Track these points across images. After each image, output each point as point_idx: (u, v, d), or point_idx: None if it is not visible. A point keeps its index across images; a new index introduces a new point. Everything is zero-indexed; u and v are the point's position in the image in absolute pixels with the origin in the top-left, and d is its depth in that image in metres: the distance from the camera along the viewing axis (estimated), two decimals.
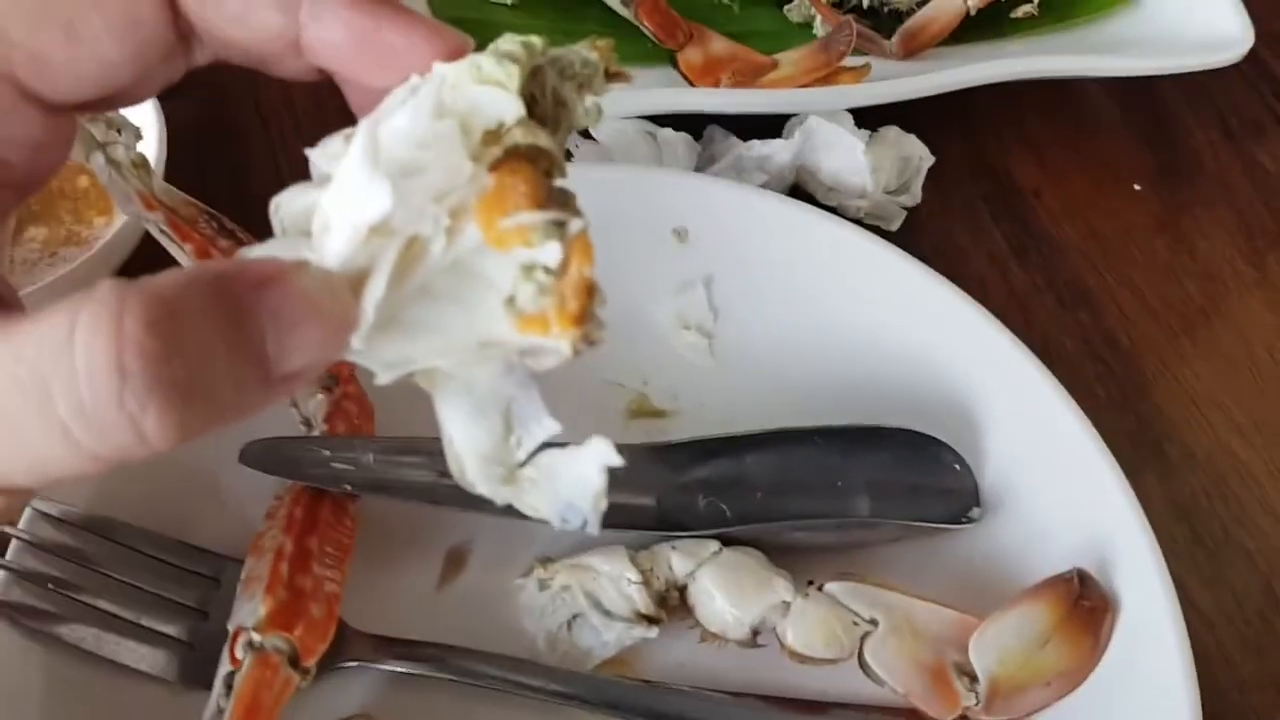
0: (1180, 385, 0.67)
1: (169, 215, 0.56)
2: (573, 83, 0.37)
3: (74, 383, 0.27)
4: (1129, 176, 0.76)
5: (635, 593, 0.53)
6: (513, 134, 0.35)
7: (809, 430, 0.58)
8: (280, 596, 0.49)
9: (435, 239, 0.34)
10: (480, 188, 0.34)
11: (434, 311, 0.35)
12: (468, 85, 0.35)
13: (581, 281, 0.34)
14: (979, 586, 0.55)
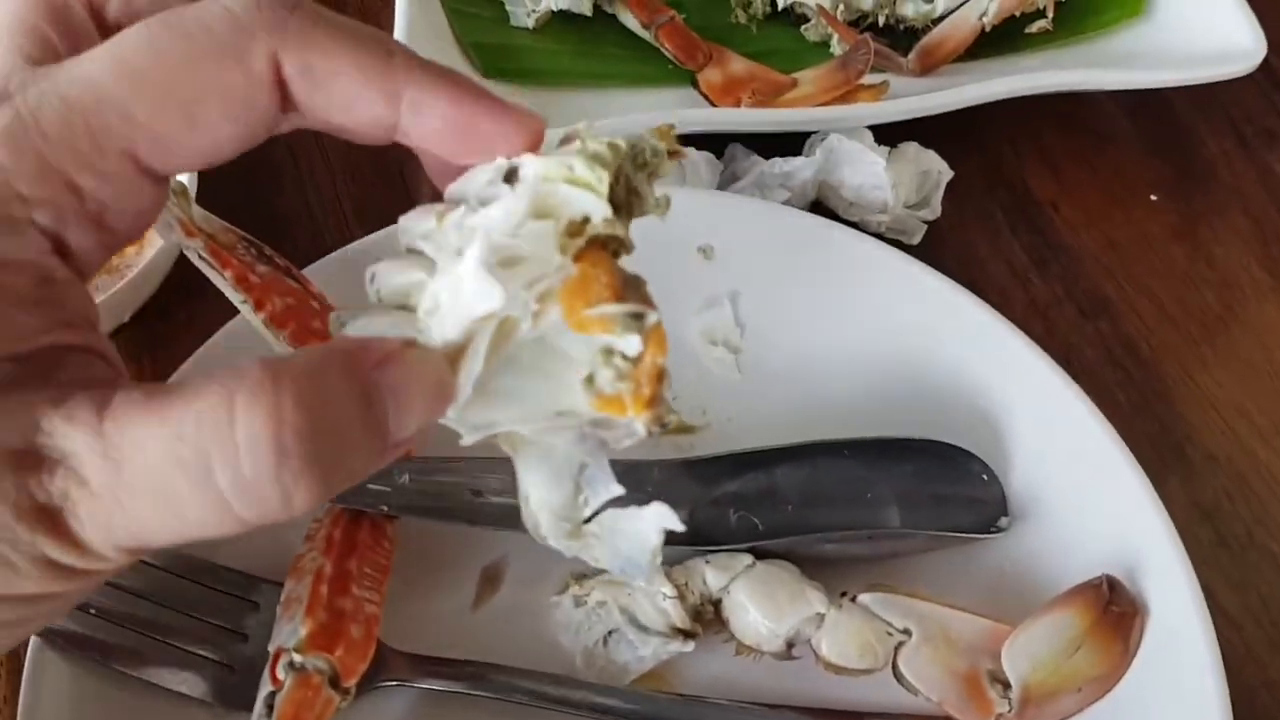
0: (1201, 391, 0.68)
1: (208, 242, 0.57)
2: (644, 172, 0.41)
3: (235, 459, 0.29)
4: (1145, 187, 0.76)
5: (670, 607, 0.53)
6: (595, 226, 0.38)
7: (838, 443, 0.59)
8: (320, 618, 0.50)
9: (524, 320, 0.37)
10: (565, 275, 0.37)
11: (518, 382, 0.39)
12: (560, 184, 0.38)
13: (655, 369, 0.38)
14: (1009, 595, 0.56)
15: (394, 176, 0.74)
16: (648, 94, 0.77)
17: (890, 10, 0.79)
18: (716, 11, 0.81)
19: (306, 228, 0.73)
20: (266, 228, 0.61)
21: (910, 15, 0.79)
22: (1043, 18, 0.78)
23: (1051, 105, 0.77)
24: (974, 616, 0.54)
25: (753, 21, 0.82)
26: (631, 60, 0.78)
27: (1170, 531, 0.55)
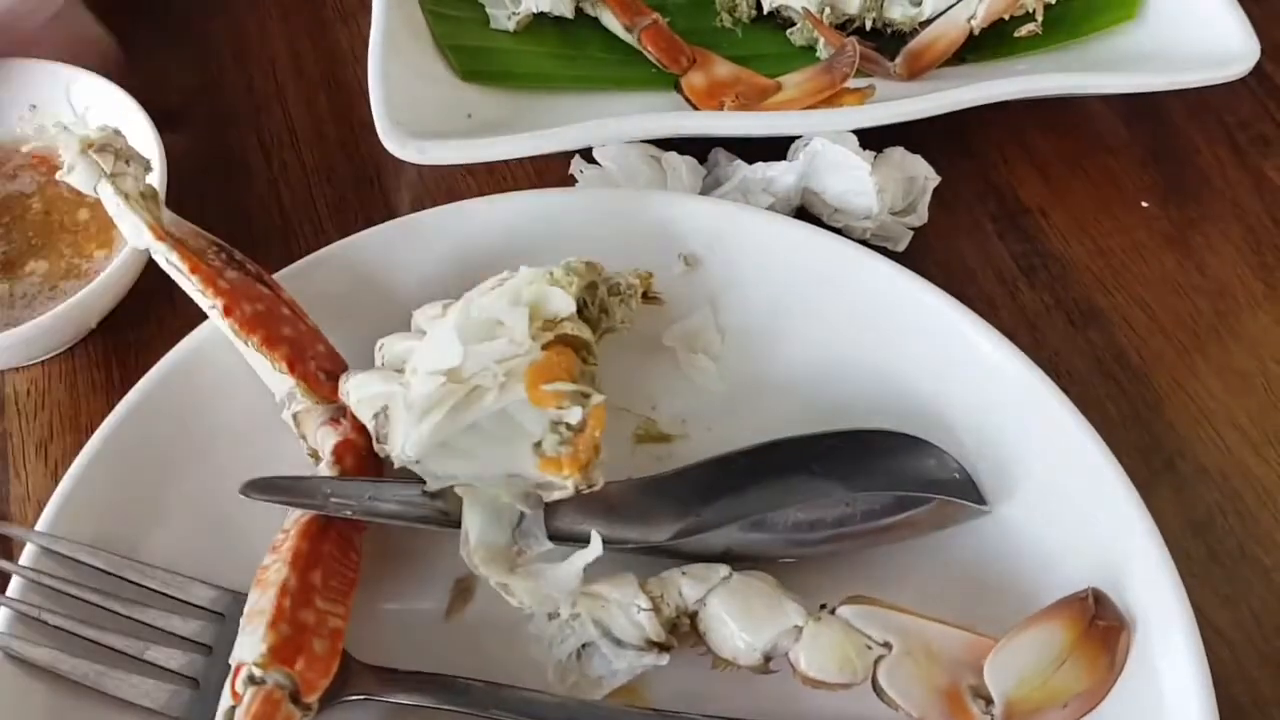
0: (1192, 401, 0.66)
1: (178, 246, 0.56)
2: (617, 298, 0.57)
3: None
4: (1136, 193, 0.75)
5: (645, 620, 0.52)
6: (564, 325, 0.52)
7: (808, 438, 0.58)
8: (282, 631, 0.49)
9: (491, 390, 0.49)
10: (532, 359, 0.50)
11: (478, 444, 0.51)
12: (540, 284, 0.53)
13: (592, 440, 0.50)
14: (992, 608, 0.55)
15: (369, 179, 0.73)
16: (630, 98, 0.76)
17: (877, 13, 0.78)
18: (701, 14, 0.81)
19: (279, 229, 0.72)
20: (237, 228, 0.61)
21: (897, 18, 0.78)
22: (1032, 21, 0.77)
23: (1041, 110, 0.76)
24: (956, 629, 0.52)
25: (737, 25, 0.81)
26: (613, 64, 0.77)
27: (1158, 544, 0.54)
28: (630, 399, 0.62)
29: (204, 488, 0.57)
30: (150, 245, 0.57)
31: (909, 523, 0.56)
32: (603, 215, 0.64)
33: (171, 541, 0.56)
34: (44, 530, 0.54)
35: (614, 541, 0.54)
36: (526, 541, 0.53)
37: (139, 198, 0.57)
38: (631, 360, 0.61)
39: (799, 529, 0.55)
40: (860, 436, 0.58)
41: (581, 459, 0.50)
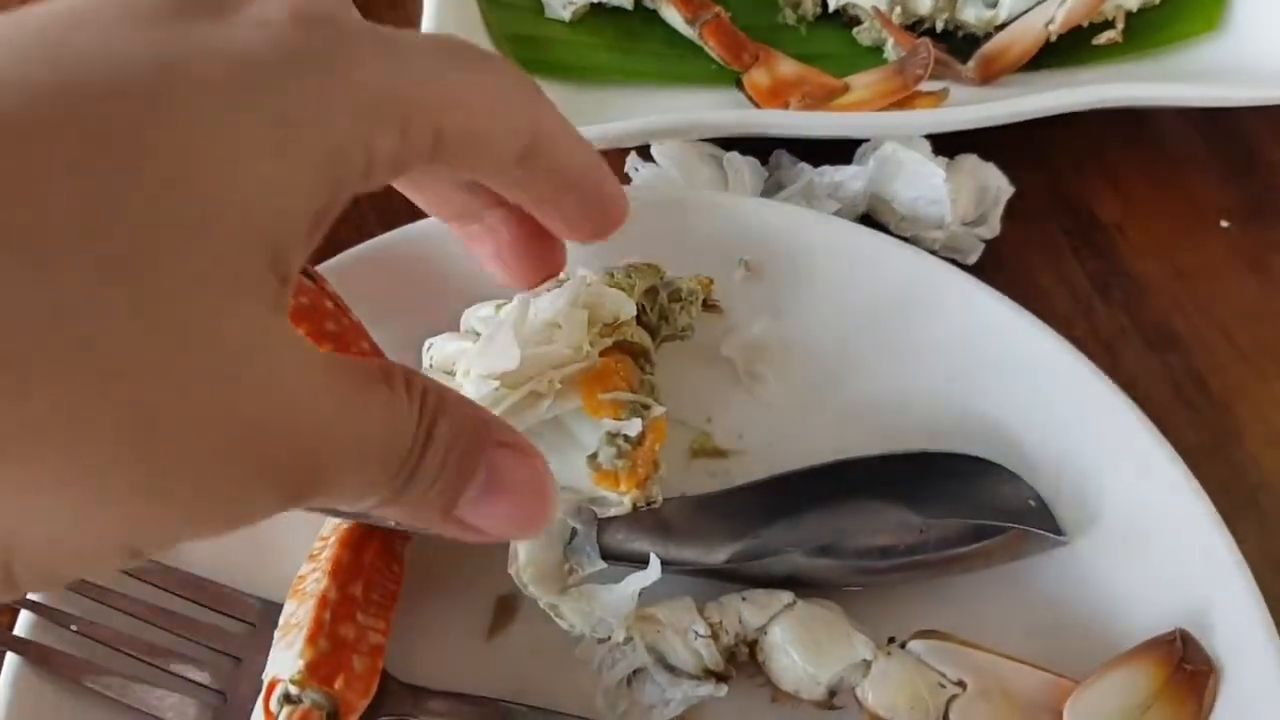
0: (1275, 432, 0.63)
1: None
2: (678, 304, 0.55)
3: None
4: (1215, 212, 0.72)
5: (702, 647, 0.49)
6: (624, 330, 0.50)
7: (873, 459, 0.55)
8: (321, 647, 0.46)
9: (547, 397, 0.46)
10: (589, 365, 0.47)
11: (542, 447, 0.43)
12: (600, 286, 0.50)
13: (651, 455, 0.48)
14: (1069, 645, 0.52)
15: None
16: (689, 94, 0.73)
17: (949, 15, 0.75)
18: (763, 10, 0.77)
19: None
20: None
21: (971, 21, 0.75)
22: (1111, 29, 0.74)
23: (1119, 122, 0.72)
24: (1034, 669, 0.50)
25: (802, 23, 0.78)
26: (672, 58, 0.74)
27: (1250, 585, 0.51)
28: (685, 411, 0.58)
29: None
30: None
31: (983, 553, 0.53)
32: (659, 216, 0.60)
33: (203, 545, 0.53)
34: None
35: (668, 562, 0.51)
36: (578, 559, 0.50)
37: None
38: (687, 370, 0.58)
39: (868, 556, 0.52)
40: (930, 459, 0.55)
41: (639, 474, 0.47)
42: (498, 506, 0.35)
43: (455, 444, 0.34)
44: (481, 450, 0.35)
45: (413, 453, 0.33)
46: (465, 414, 0.35)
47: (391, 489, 0.33)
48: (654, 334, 0.54)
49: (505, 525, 0.36)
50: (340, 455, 0.32)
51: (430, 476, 0.34)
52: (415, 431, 0.33)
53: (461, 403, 0.36)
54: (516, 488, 0.35)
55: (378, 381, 0.33)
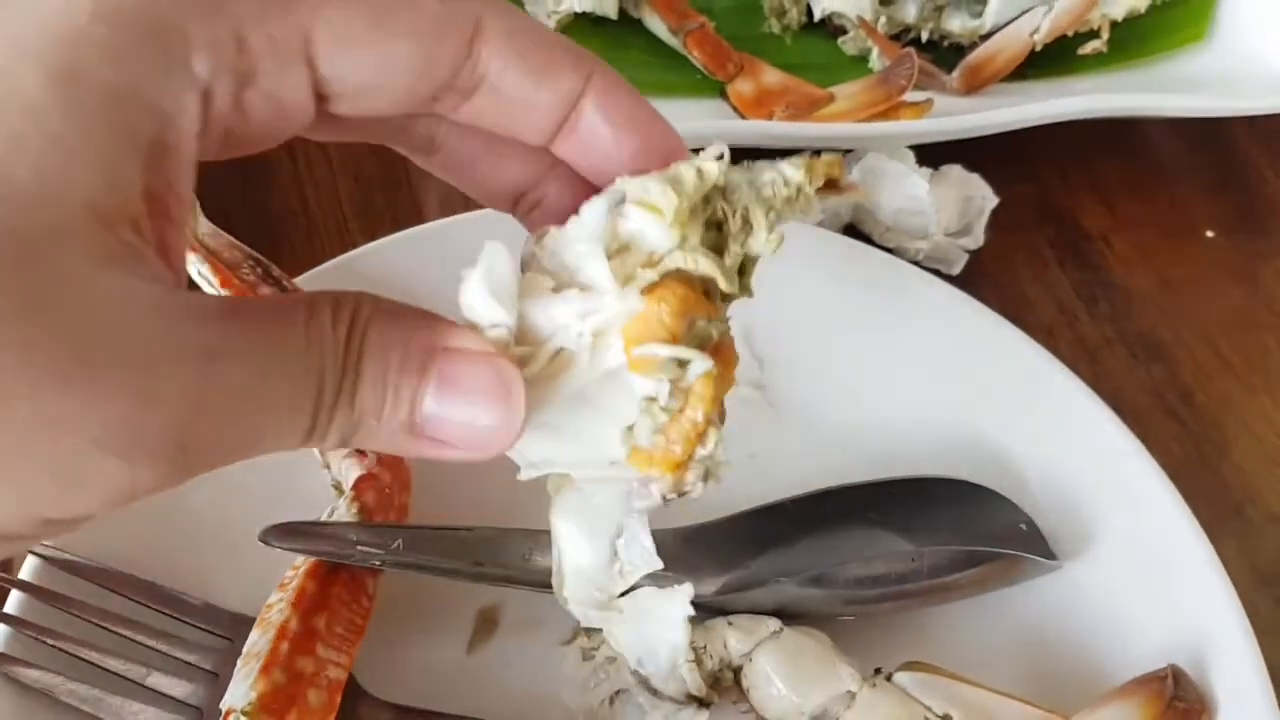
0: (1261, 444, 0.63)
1: (210, 258, 0.54)
2: (763, 206, 0.37)
3: None
4: (1201, 223, 0.72)
5: (686, 671, 0.48)
6: (672, 258, 0.35)
7: (863, 486, 0.54)
8: (276, 679, 0.45)
9: (581, 353, 0.35)
10: (629, 309, 0.34)
11: (583, 420, 0.36)
12: (634, 207, 0.35)
13: (693, 428, 0.35)
14: (1059, 672, 0.52)
15: (399, 179, 0.70)
16: (674, 104, 0.71)
17: (935, 24, 0.75)
18: (748, 20, 0.78)
19: (302, 230, 0.69)
20: (259, 229, 0.58)
21: (956, 30, 0.75)
22: (1097, 38, 0.74)
23: (1104, 132, 0.73)
24: (1022, 704, 0.49)
25: (787, 32, 0.78)
26: (657, 68, 0.74)
27: (1241, 617, 0.51)
28: None
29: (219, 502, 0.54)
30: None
31: (975, 580, 0.52)
32: None
33: (184, 560, 0.53)
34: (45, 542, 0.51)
35: None
36: (630, 560, 0.42)
37: None
38: None
39: (859, 585, 0.51)
40: (921, 485, 0.55)
41: (676, 454, 0.36)
42: (455, 410, 0.33)
43: (390, 349, 0.33)
44: (428, 352, 0.33)
45: (337, 376, 0.32)
46: (401, 319, 0.33)
47: (326, 420, 0.32)
48: (722, 251, 0.37)
49: (469, 432, 0.34)
50: (229, 403, 0.30)
51: (376, 390, 0.33)
52: (337, 353, 0.32)
53: (398, 311, 0.34)
54: (473, 388, 0.33)
55: (282, 315, 0.32)
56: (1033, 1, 0.73)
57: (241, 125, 0.33)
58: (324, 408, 0.32)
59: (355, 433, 0.33)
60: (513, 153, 0.39)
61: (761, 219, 0.36)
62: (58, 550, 0.51)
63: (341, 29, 0.32)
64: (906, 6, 0.74)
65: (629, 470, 0.37)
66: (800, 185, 0.37)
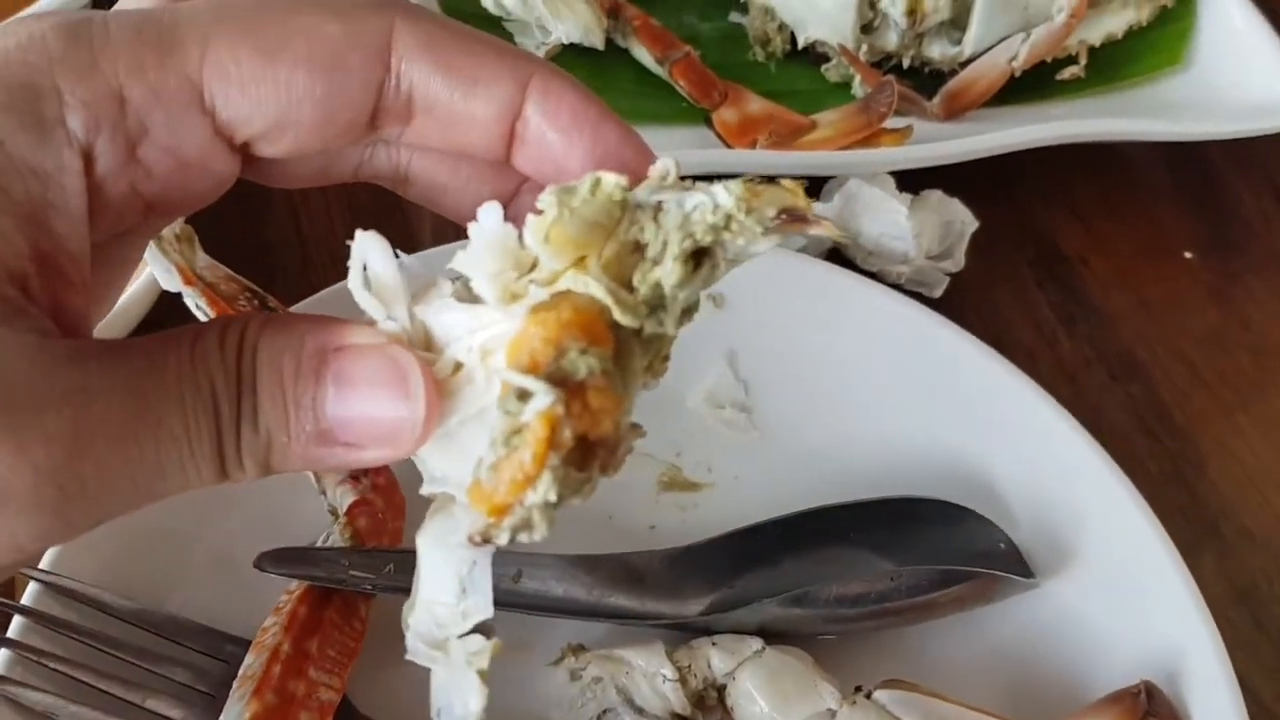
0: (1236, 462, 0.64)
1: (206, 291, 0.55)
2: (681, 233, 0.31)
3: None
4: (1179, 244, 0.73)
5: (670, 691, 0.50)
6: (566, 278, 0.31)
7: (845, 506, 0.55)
8: (268, 701, 0.47)
9: (476, 370, 0.32)
10: (513, 329, 0.31)
11: (478, 439, 0.32)
12: (530, 215, 0.31)
13: (519, 468, 0.30)
14: (1037, 688, 0.53)
15: (391, 207, 0.71)
16: (660, 132, 0.74)
17: (915, 51, 0.76)
18: (733, 49, 0.79)
19: (297, 259, 0.70)
20: (254, 258, 0.59)
21: (936, 57, 0.76)
22: (1075, 64, 0.75)
23: (1083, 156, 0.74)
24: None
25: (771, 60, 0.79)
26: (643, 96, 0.76)
27: (1213, 634, 0.51)
28: (653, 445, 0.59)
29: (219, 528, 0.55)
30: (180, 289, 0.55)
31: (954, 598, 0.54)
32: None
33: (183, 585, 0.54)
34: (47, 568, 0.52)
35: (643, 616, 0.52)
36: (474, 600, 0.35)
37: (173, 240, 0.55)
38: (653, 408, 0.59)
39: (840, 604, 0.53)
40: (900, 505, 0.56)
41: (498, 496, 0.31)
42: (353, 406, 0.31)
43: (282, 359, 0.31)
44: (320, 355, 0.31)
45: (233, 397, 0.31)
46: (291, 327, 0.32)
47: (233, 446, 0.31)
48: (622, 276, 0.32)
49: (375, 427, 0.32)
50: (113, 440, 0.29)
51: (276, 404, 0.31)
52: (228, 373, 0.31)
53: (288, 320, 0.32)
54: (369, 380, 0.31)
55: (166, 345, 0.31)
56: (1011, 29, 0.74)
57: (148, 182, 0.32)
58: (226, 432, 0.31)
59: (269, 454, 0.32)
60: (479, 173, 0.37)
61: (675, 247, 0.31)
62: (58, 576, 0.52)
63: (232, 69, 0.31)
64: (888, 34, 0.75)
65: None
66: (730, 213, 0.31)
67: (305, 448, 0.32)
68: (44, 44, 0.30)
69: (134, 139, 0.31)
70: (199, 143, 0.32)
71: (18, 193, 0.30)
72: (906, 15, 0.74)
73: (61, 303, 0.31)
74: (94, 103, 0.30)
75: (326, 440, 0.32)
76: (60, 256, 0.31)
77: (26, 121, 0.30)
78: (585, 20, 0.74)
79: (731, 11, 0.81)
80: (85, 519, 0.30)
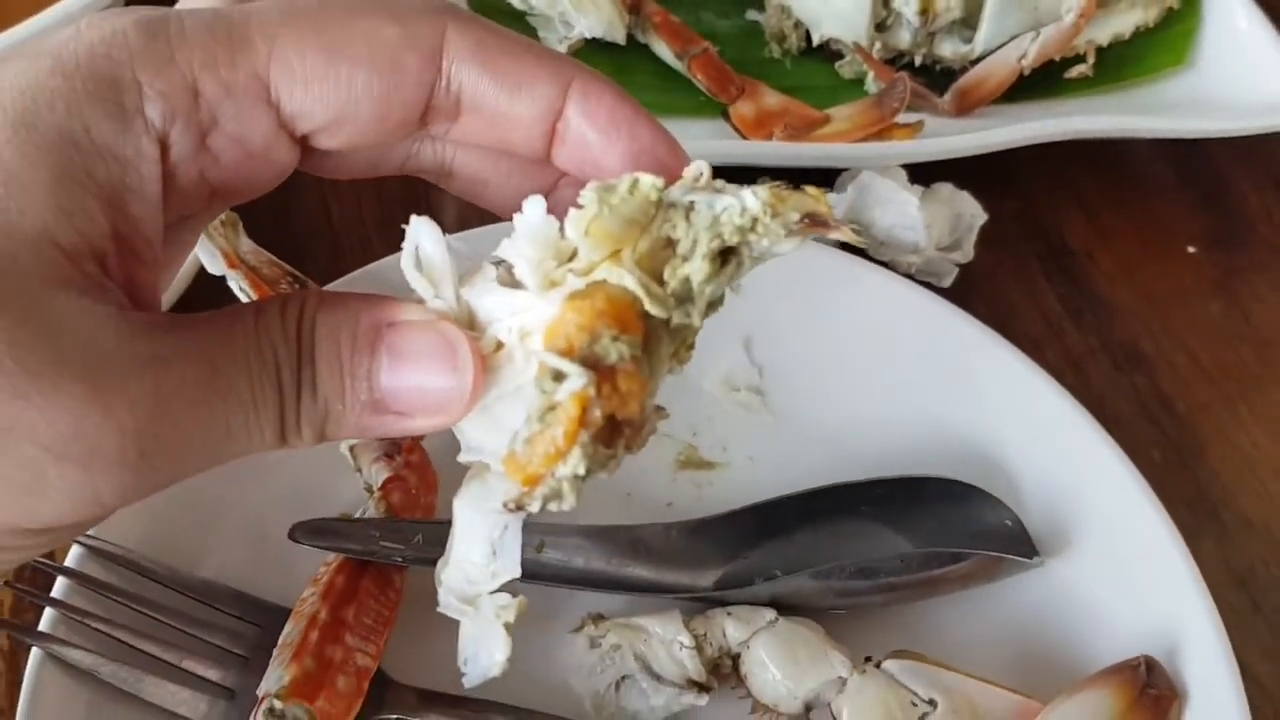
0: (1237, 451, 0.66)
1: (250, 274, 0.56)
2: (710, 233, 0.34)
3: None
4: (1182, 239, 0.75)
5: (687, 658, 0.51)
6: (601, 269, 0.34)
7: (853, 485, 0.57)
8: (306, 665, 0.49)
9: (515, 349, 0.34)
10: (551, 313, 0.33)
11: (513, 414, 0.34)
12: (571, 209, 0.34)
13: (551, 443, 0.33)
14: (1041, 663, 0.54)
15: (419, 195, 0.73)
16: (677, 124, 0.74)
17: (927, 49, 0.78)
18: (750, 45, 0.81)
19: (326, 243, 0.72)
20: (284, 241, 0.60)
21: (948, 55, 0.78)
22: (1083, 63, 0.77)
23: (1090, 152, 0.75)
24: (1004, 690, 0.51)
25: (787, 56, 0.81)
26: (662, 90, 0.77)
27: (1211, 611, 0.53)
28: (670, 425, 0.60)
29: (255, 500, 0.57)
30: (224, 272, 0.57)
31: (960, 576, 0.55)
32: None
33: (221, 551, 0.56)
34: (89, 532, 0.53)
35: (659, 587, 0.53)
36: (502, 562, 0.39)
37: (218, 225, 0.57)
38: (672, 386, 0.61)
39: (851, 579, 0.54)
40: (912, 484, 0.57)
41: (530, 467, 0.34)
42: (405, 377, 0.34)
43: (340, 333, 0.33)
44: (374, 329, 0.34)
45: (293, 367, 0.33)
46: (346, 304, 0.34)
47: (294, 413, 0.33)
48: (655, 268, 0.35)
49: (424, 396, 0.34)
50: (187, 404, 0.31)
51: (334, 374, 0.33)
52: (290, 344, 0.33)
53: (344, 297, 0.34)
54: (420, 353, 0.34)
55: (232, 317, 0.33)
56: (1021, 28, 0.76)
57: (216, 170, 0.34)
58: (288, 400, 0.33)
59: (325, 421, 0.34)
60: (520, 169, 0.39)
61: (704, 245, 0.34)
62: (99, 540, 0.53)
63: (297, 66, 0.33)
64: (901, 33, 0.77)
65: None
66: (757, 216, 0.35)
67: (359, 416, 0.34)
68: (125, 39, 0.32)
69: (205, 129, 0.33)
70: (264, 134, 0.34)
71: (100, 176, 0.32)
72: (919, 14, 0.76)
73: (136, 279, 0.33)
74: (170, 94, 0.32)
75: (379, 409, 0.34)
76: (136, 237, 0.33)
77: (110, 110, 0.32)
78: (607, 16, 0.75)
79: (749, 9, 0.83)
80: (161, 477, 0.32)
